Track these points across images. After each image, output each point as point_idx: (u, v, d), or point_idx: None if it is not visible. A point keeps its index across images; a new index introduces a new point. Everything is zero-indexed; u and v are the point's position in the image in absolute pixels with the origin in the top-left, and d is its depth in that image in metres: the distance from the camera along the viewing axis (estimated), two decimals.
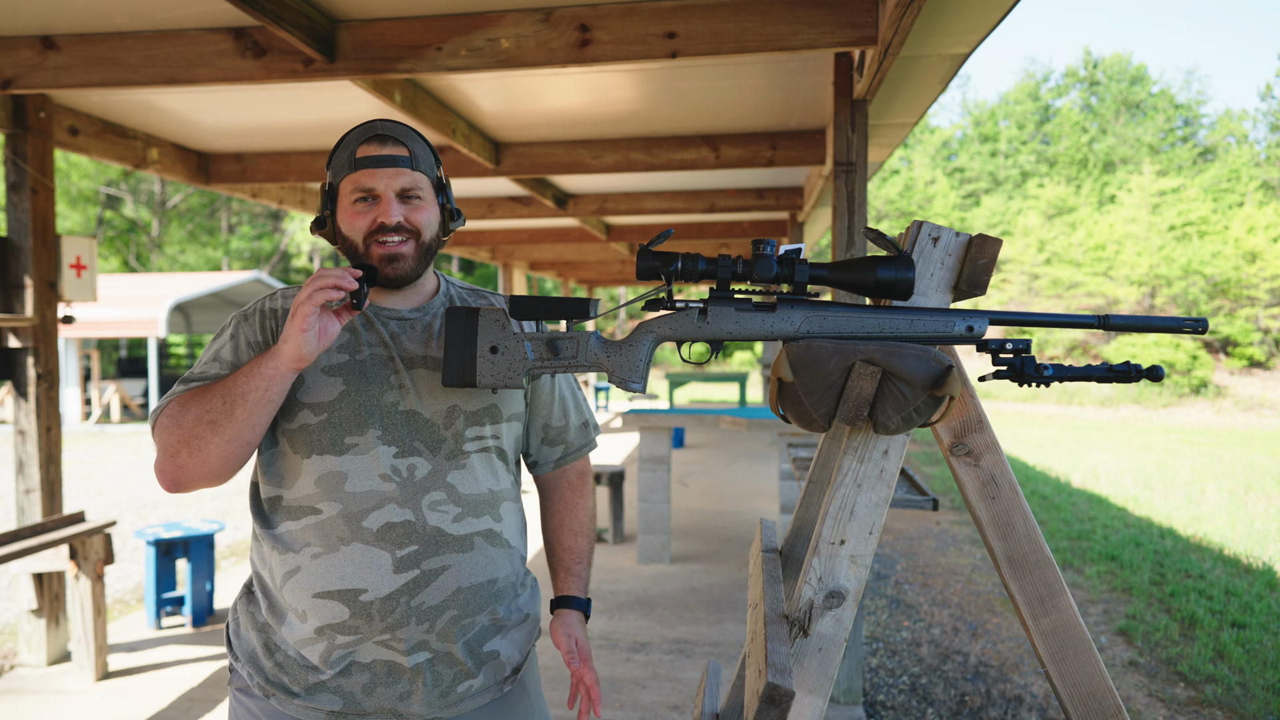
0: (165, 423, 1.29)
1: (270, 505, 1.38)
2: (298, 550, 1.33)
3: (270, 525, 1.37)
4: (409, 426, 1.36)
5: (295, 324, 1.22)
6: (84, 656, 3.68)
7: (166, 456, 1.28)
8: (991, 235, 1.23)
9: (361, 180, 1.35)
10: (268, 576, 1.37)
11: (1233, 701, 3.70)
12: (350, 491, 1.32)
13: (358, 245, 1.37)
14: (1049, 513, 7.77)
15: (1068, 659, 1.23)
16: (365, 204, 1.35)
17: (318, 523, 1.32)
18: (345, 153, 1.38)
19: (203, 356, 1.40)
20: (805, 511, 1.63)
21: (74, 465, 10.69)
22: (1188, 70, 50.98)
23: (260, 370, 1.25)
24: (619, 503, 5.98)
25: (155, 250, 28.01)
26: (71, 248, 4.01)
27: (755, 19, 2.93)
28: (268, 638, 1.38)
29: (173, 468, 1.28)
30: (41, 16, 3.15)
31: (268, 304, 1.41)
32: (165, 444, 1.28)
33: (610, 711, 3.36)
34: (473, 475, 1.39)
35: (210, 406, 1.26)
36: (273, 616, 1.37)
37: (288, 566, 1.33)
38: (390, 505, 1.32)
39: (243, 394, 1.25)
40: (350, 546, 1.31)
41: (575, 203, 7.24)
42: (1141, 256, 26.14)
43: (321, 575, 1.31)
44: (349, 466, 1.33)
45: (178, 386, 1.36)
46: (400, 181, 1.35)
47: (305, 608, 1.32)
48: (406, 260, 1.37)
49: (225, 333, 1.40)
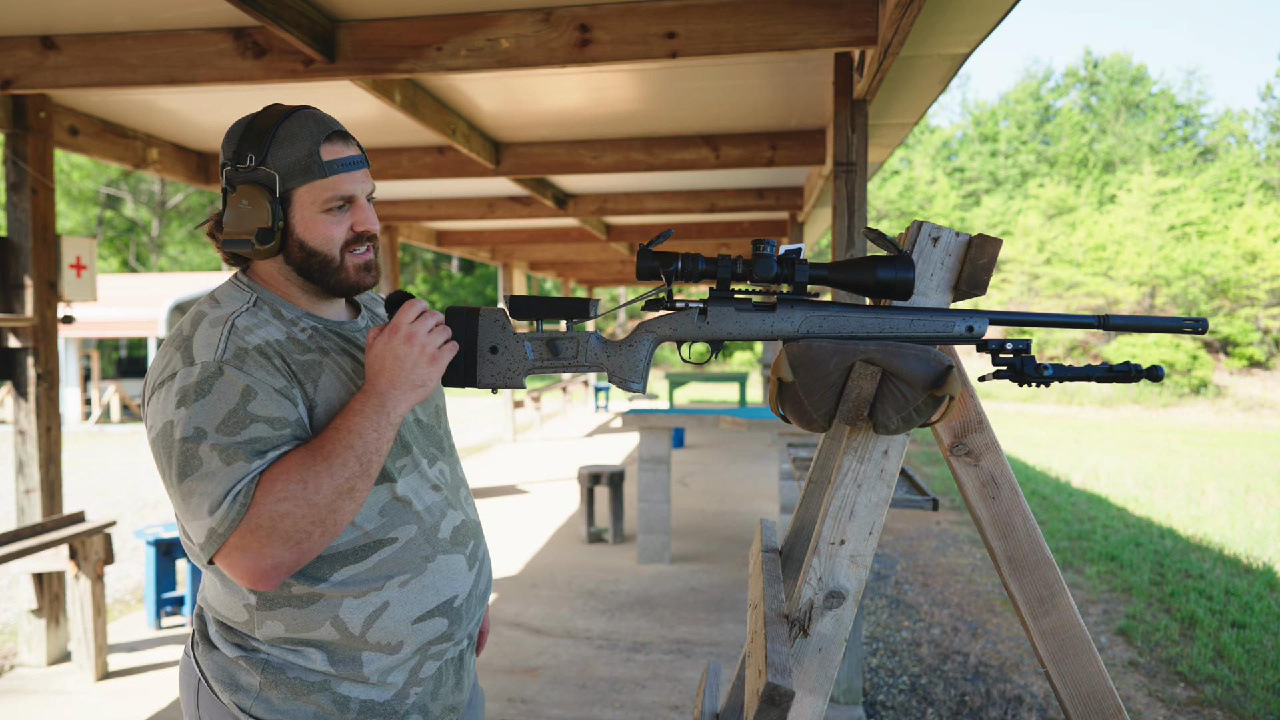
0: (284, 509, 1.09)
1: (312, 561, 1.22)
2: (380, 587, 1.23)
3: (321, 579, 1.21)
4: (424, 434, 1.37)
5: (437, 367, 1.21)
6: (84, 656, 3.68)
7: (290, 546, 1.10)
8: (991, 235, 1.23)
9: (341, 186, 1.23)
10: (326, 633, 1.22)
11: (1233, 701, 3.70)
12: (419, 510, 1.29)
13: (332, 258, 1.25)
14: (1049, 513, 7.77)
15: (1068, 659, 1.23)
16: (338, 211, 1.25)
17: (395, 552, 1.25)
18: (299, 152, 1.21)
19: (207, 420, 1.11)
20: (805, 511, 1.63)
21: (74, 465, 10.69)
22: (1188, 70, 51.05)
23: (390, 420, 1.16)
24: (619, 503, 5.98)
25: (155, 250, 28.01)
26: (71, 248, 4.01)
27: (755, 19, 2.93)
28: (333, 693, 1.23)
29: (295, 557, 1.11)
30: (41, 16, 3.15)
31: (248, 339, 1.18)
32: (289, 532, 1.10)
33: (610, 711, 3.36)
34: (459, 463, 1.46)
35: (348, 473, 1.12)
36: (339, 666, 1.23)
37: (370, 608, 1.22)
38: (449, 510, 1.34)
39: (378, 450, 1.15)
40: (436, 561, 1.29)
41: (575, 203, 7.24)
42: (1141, 256, 26.14)
43: (417, 599, 1.26)
44: (408, 489, 1.28)
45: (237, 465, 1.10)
46: (368, 185, 1.28)
47: (401, 639, 1.25)
48: (376, 270, 1.31)
49: (224, 384, 1.13)
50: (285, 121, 1.22)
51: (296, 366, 1.22)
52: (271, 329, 1.23)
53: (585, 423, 14.34)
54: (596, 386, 16.25)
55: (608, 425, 13.87)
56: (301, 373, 1.22)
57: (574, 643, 4.07)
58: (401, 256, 28.99)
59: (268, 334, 1.22)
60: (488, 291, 30.82)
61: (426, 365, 1.20)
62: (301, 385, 1.21)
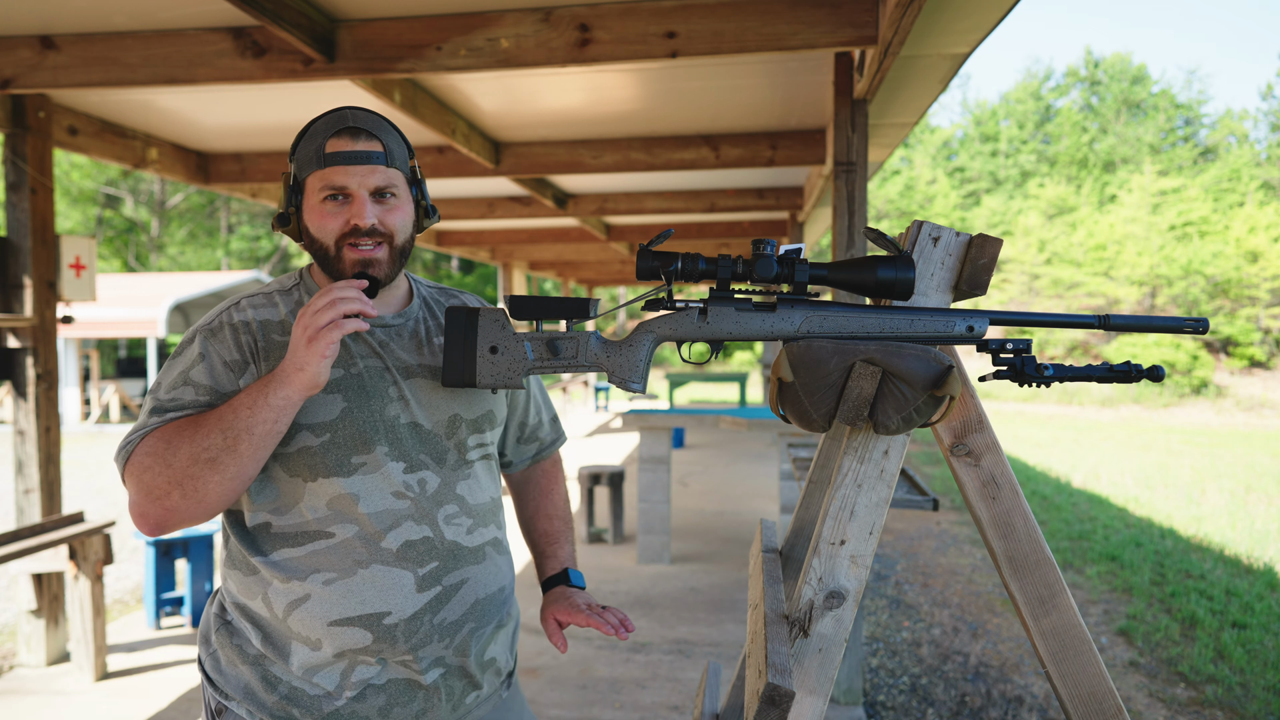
0: (147, 462, 1.16)
1: (259, 532, 1.28)
2: (304, 578, 1.25)
3: (262, 553, 1.27)
4: (414, 439, 1.30)
5: (315, 349, 1.13)
6: (83, 657, 3.67)
7: (151, 499, 1.16)
8: (992, 235, 1.23)
9: (332, 177, 1.24)
10: (259, 607, 1.27)
11: (1233, 702, 3.69)
12: (365, 512, 1.25)
13: (328, 249, 1.27)
14: (1049, 513, 7.77)
15: (1068, 659, 1.23)
16: (336, 203, 1.26)
17: (329, 547, 1.25)
18: (312, 145, 1.26)
19: (165, 379, 1.25)
20: (805, 511, 1.62)
21: (73, 465, 10.69)
22: (1189, 70, 51.02)
23: (268, 401, 1.15)
24: (619, 503, 5.98)
25: (155, 250, 28.01)
26: (71, 248, 4.01)
27: (755, 19, 2.93)
28: (265, 670, 1.27)
29: (159, 511, 1.17)
30: (41, 16, 3.15)
31: (234, 315, 1.28)
32: (149, 486, 1.16)
33: (610, 712, 3.36)
34: (478, 484, 1.37)
35: (208, 444, 1.15)
36: (269, 648, 1.27)
37: (293, 595, 1.25)
38: (408, 522, 1.27)
39: (248, 428, 1.15)
40: (369, 569, 1.25)
41: (575, 203, 7.23)
42: (1142, 256, 26.14)
43: (338, 602, 1.24)
44: (359, 487, 1.25)
45: (150, 418, 1.22)
46: (374, 180, 1.26)
47: (319, 636, 1.25)
48: (381, 266, 1.28)
49: (190, 351, 1.26)
50: (318, 118, 1.30)
51: (267, 345, 1.28)
52: (272, 311, 1.31)
53: (585, 423, 14.33)
54: (596, 386, 16.25)
55: (608, 425, 13.86)
56: (267, 352, 1.27)
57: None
58: None
59: (262, 315, 1.30)
60: (488, 291, 30.82)
61: (304, 348, 1.14)
62: (259, 363, 1.27)
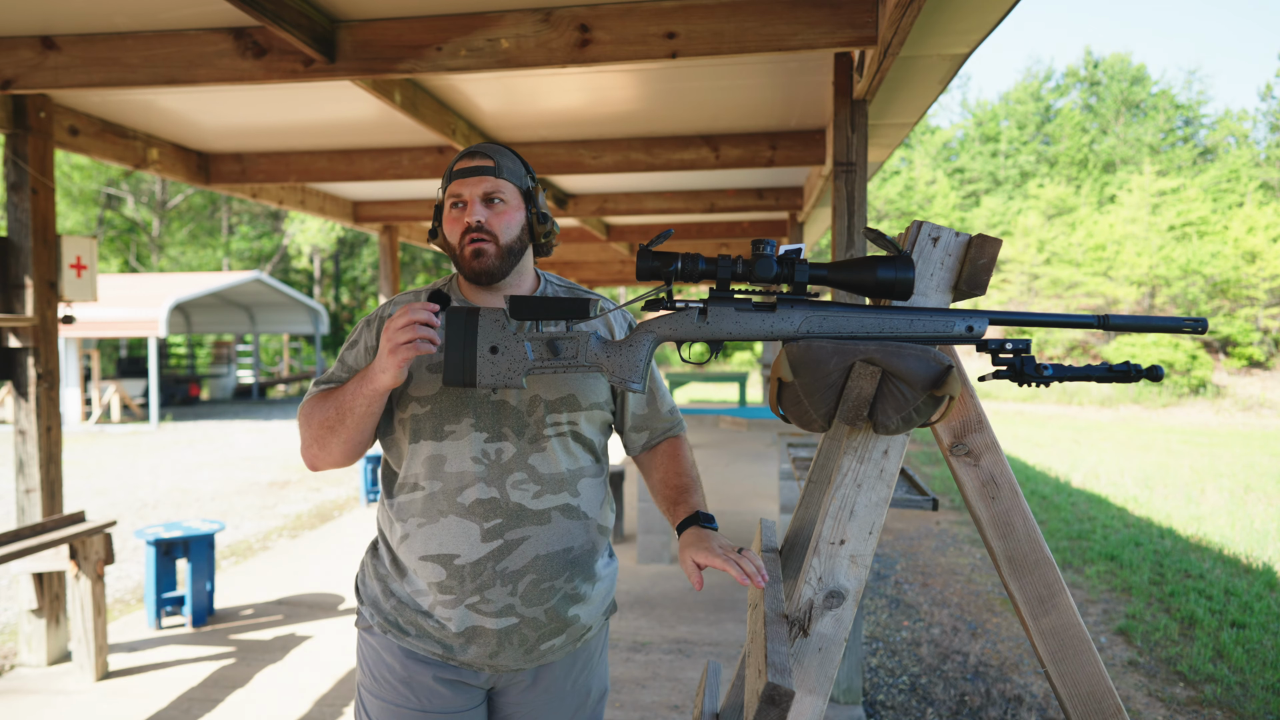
0: (301, 420, 1.54)
1: (389, 479, 1.61)
2: (405, 519, 1.54)
3: (391, 495, 1.58)
4: (498, 415, 1.51)
5: (394, 360, 1.36)
6: (84, 656, 3.68)
7: (304, 447, 1.55)
8: (991, 235, 1.24)
9: (456, 189, 1.54)
10: (389, 536, 1.59)
11: (1232, 701, 3.70)
12: (448, 472, 1.51)
13: (455, 247, 1.54)
14: (1049, 513, 7.77)
15: (1067, 659, 1.23)
16: (458, 210, 1.54)
17: (423, 497, 1.53)
18: (448, 171, 1.59)
19: (340, 354, 1.62)
20: (805, 511, 1.63)
21: (74, 465, 10.69)
22: (1189, 70, 50.98)
23: (361, 391, 1.43)
24: (619, 503, 5.98)
25: (156, 250, 28.01)
26: (72, 248, 4.01)
27: (755, 19, 2.93)
28: (386, 585, 1.60)
29: (309, 457, 1.54)
30: (41, 16, 3.15)
31: (388, 309, 1.60)
32: (302, 437, 1.54)
33: (610, 711, 3.36)
34: (552, 457, 1.55)
35: (326, 415, 1.48)
36: (392, 569, 1.59)
37: (402, 532, 1.55)
38: (479, 484, 1.50)
39: (350, 408, 1.45)
40: (447, 519, 1.51)
41: (575, 203, 7.23)
42: (1141, 256, 26.14)
43: (424, 541, 1.52)
44: (447, 450, 1.51)
45: (314, 386, 1.59)
46: (483, 187, 1.52)
47: (414, 567, 1.54)
48: (489, 257, 1.51)
49: (354, 335, 1.62)
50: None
51: None
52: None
53: None
54: None
55: None
56: None
57: None
58: (401, 256, 28.99)
59: None
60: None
61: (386, 356, 1.37)
62: None
